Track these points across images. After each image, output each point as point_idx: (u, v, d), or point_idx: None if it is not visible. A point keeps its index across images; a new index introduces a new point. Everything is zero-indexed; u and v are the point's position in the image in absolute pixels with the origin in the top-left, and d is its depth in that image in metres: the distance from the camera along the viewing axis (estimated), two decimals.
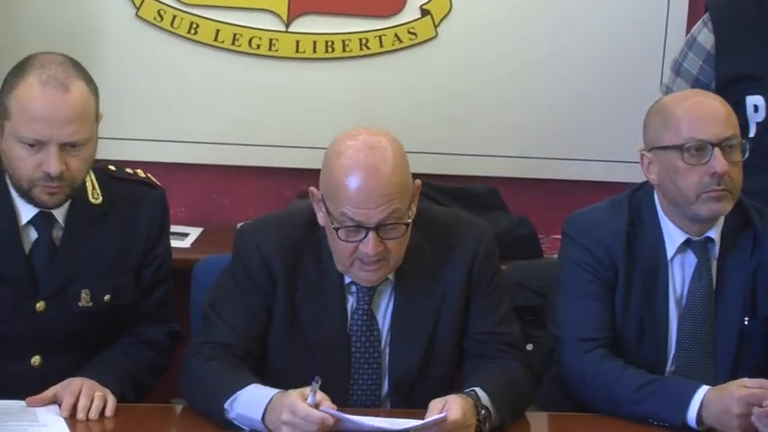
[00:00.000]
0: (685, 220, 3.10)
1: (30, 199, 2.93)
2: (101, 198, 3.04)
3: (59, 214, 2.99)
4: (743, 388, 2.82)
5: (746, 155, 3.01)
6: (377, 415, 2.75)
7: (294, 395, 2.63)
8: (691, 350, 3.11)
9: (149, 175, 3.20)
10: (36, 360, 3.01)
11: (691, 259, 3.13)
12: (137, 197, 3.12)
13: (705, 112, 2.99)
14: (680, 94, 3.19)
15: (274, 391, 2.71)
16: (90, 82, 2.99)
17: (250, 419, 2.73)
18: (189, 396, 2.91)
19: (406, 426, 2.63)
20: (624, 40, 4.47)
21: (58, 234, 3.01)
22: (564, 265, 3.16)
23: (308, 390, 2.62)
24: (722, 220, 3.12)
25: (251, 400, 2.73)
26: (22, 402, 2.82)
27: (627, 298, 3.10)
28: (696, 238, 3.12)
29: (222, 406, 2.75)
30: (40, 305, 2.98)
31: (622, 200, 3.19)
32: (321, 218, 2.92)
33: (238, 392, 2.75)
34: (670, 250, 3.12)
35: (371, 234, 2.80)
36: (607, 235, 3.12)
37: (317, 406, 2.60)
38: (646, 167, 3.09)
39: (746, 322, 3.10)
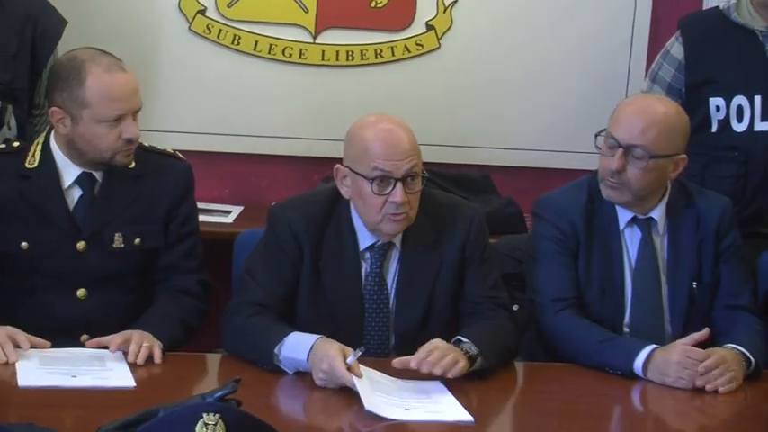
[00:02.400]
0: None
1: (104, 165, 3.00)
2: (134, 164, 3.05)
3: (99, 175, 3.04)
4: (683, 345, 2.89)
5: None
6: (383, 369, 2.75)
7: (337, 350, 2.69)
8: (643, 307, 3.12)
9: (177, 152, 3.25)
10: (81, 293, 3.02)
11: (637, 233, 3.16)
12: (165, 166, 3.15)
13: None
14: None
15: (316, 336, 2.76)
16: None
17: (296, 360, 2.77)
18: (234, 347, 2.93)
19: (404, 406, 2.61)
20: (596, 49, 4.41)
21: (97, 188, 3.05)
22: (536, 239, 3.20)
23: (350, 351, 2.67)
24: (665, 202, 3.15)
25: (296, 344, 2.77)
26: (87, 350, 2.85)
27: (588, 264, 3.13)
28: (641, 216, 3.14)
29: (272, 351, 2.78)
30: (80, 245, 3.01)
31: (583, 182, 3.23)
32: (346, 191, 2.98)
33: (285, 338, 2.78)
34: (622, 223, 3.14)
35: (399, 184, 2.86)
36: (570, 211, 3.15)
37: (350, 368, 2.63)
38: None
39: (695, 286, 3.11)
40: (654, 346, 2.92)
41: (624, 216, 3.13)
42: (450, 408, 2.62)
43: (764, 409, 2.84)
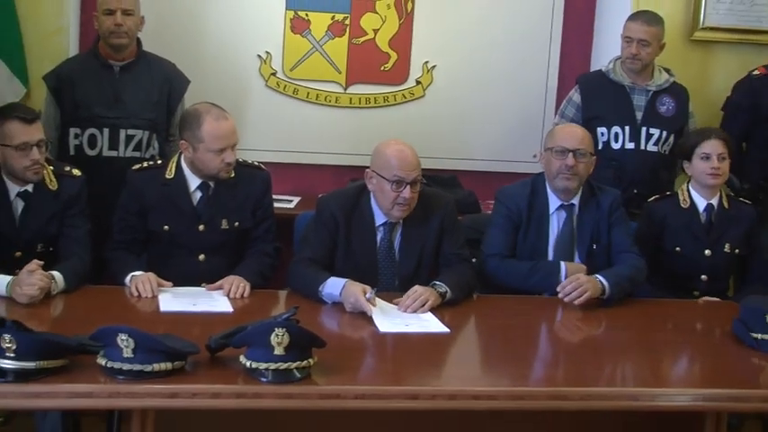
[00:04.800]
0: (557, 193, 3.13)
1: (213, 177, 3.01)
2: (233, 174, 3.04)
3: (212, 182, 3.03)
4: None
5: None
6: (390, 301, 2.78)
7: (360, 289, 2.71)
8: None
9: (261, 164, 3.20)
10: (201, 257, 3.05)
11: (563, 214, 3.15)
12: (252, 174, 3.13)
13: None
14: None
15: (345, 279, 2.77)
16: None
17: (333, 295, 2.77)
18: (294, 285, 2.93)
19: (398, 316, 2.67)
20: (525, 96, 4.36)
21: (210, 191, 3.04)
22: (493, 213, 3.20)
23: (368, 289, 2.71)
24: (580, 193, 3.14)
25: (333, 284, 2.78)
26: (202, 288, 2.88)
27: (526, 235, 3.12)
28: (566, 203, 3.14)
29: (318, 289, 2.80)
30: (201, 227, 3.04)
31: (528, 181, 3.21)
32: (373, 185, 2.96)
33: (326, 281, 2.80)
34: (551, 208, 3.14)
35: (408, 186, 2.88)
36: (518, 199, 3.14)
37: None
38: None
39: (594, 247, 3.12)
40: (566, 262, 3.00)
41: (554, 204, 3.13)
42: (433, 324, 2.65)
43: (635, 319, 2.84)
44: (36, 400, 2.05)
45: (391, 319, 2.66)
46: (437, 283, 2.86)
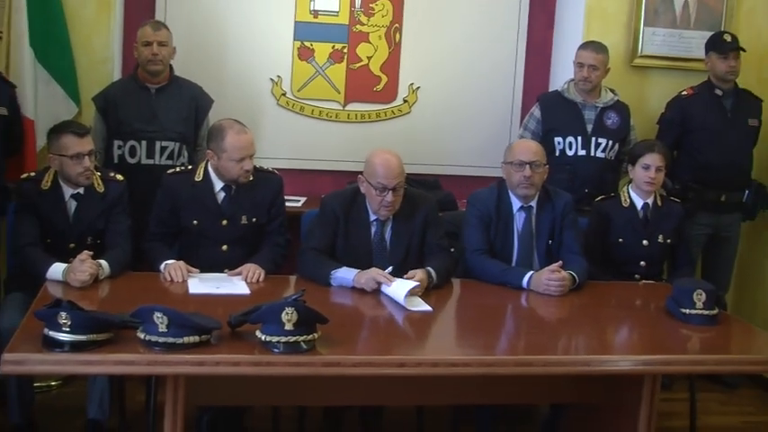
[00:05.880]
0: (518, 198, 3.09)
1: (235, 181, 2.98)
2: (252, 178, 3.01)
3: (234, 185, 2.99)
4: (547, 270, 2.87)
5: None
6: (391, 281, 2.71)
7: (376, 270, 2.73)
8: (522, 256, 3.08)
9: (274, 170, 3.18)
10: (224, 247, 3.01)
11: (523, 215, 3.10)
12: (267, 178, 3.09)
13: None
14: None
15: (356, 270, 2.77)
16: None
17: (345, 279, 2.76)
18: (304, 271, 2.89)
19: (405, 292, 2.61)
20: (493, 112, 4.33)
21: (232, 192, 3.00)
22: (467, 215, 3.15)
23: (382, 271, 2.72)
24: (537, 197, 3.09)
25: (346, 271, 2.78)
26: (224, 274, 2.85)
27: (495, 233, 3.08)
28: (525, 205, 3.10)
29: (329, 274, 2.79)
30: (224, 222, 3.00)
31: (494, 186, 3.16)
32: (363, 188, 2.93)
33: (337, 269, 2.79)
34: (514, 209, 3.10)
35: (391, 191, 2.85)
36: (487, 202, 3.10)
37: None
38: None
39: (550, 243, 3.08)
40: (532, 271, 2.90)
41: (516, 205, 3.09)
42: (419, 304, 2.63)
43: (587, 299, 2.84)
44: (87, 366, 2.08)
45: (394, 291, 2.65)
46: (428, 268, 2.83)
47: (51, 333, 2.04)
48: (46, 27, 3.46)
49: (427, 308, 2.61)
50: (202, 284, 2.72)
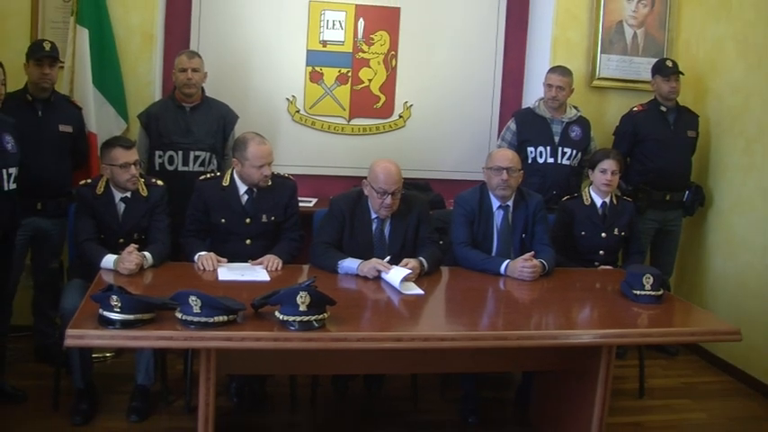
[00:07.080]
0: (497, 198, 3.05)
1: (256, 185, 2.96)
2: (270, 183, 2.99)
3: (255, 189, 2.98)
4: (521, 259, 2.86)
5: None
6: (389, 269, 2.68)
7: (376, 260, 2.70)
8: (501, 248, 3.04)
9: (290, 175, 3.13)
10: (248, 242, 2.99)
11: (501, 213, 3.07)
12: (283, 183, 3.06)
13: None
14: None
15: (359, 260, 2.74)
16: None
17: (351, 267, 2.74)
18: (315, 261, 2.85)
19: (401, 278, 2.58)
20: (475, 124, 4.26)
21: (254, 194, 2.99)
22: (454, 214, 3.11)
23: (382, 260, 2.70)
24: (513, 198, 3.05)
25: (350, 262, 2.76)
26: (248, 264, 2.82)
27: (478, 228, 3.05)
28: (503, 204, 3.06)
29: (336, 263, 2.77)
30: (248, 221, 2.98)
31: (477, 188, 3.11)
32: (367, 191, 2.91)
33: (343, 259, 2.77)
34: (494, 208, 3.07)
35: (390, 196, 2.82)
36: (471, 202, 3.06)
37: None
38: None
39: (524, 236, 3.05)
40: (509, 260, 2.88)
41: (495, 204, 3.06)
42: (413, 288, 2.62)
43: (554, 282, 2.83)
44: (135, 341, 2.08)
45: (392, 278, 2.63)
46: (421, 258, 2.81)
47: (105, 313, 2.06)
48: (101, 57, 3.50)
49: (420, 291, 2.60)
50: (230, 272, 2.70)
